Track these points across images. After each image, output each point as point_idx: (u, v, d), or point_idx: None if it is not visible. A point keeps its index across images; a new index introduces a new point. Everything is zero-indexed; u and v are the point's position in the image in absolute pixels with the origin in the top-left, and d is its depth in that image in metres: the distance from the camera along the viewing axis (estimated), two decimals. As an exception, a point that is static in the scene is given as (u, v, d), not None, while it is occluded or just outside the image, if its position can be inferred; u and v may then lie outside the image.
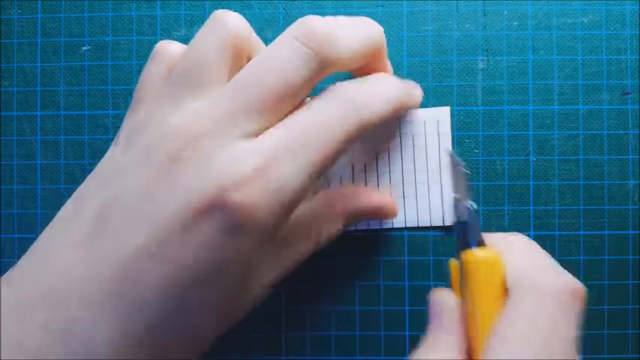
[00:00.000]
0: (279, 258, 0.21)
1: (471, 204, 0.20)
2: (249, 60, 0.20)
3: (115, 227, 0.18)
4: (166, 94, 0.19)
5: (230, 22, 0.20)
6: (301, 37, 0.19)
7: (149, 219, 0.17)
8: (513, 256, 0.19)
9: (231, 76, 0.19)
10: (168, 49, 0.21)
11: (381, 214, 0.24)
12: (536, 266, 0.19)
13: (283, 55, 0.18)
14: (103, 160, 0.20)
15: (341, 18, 0.20)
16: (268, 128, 0.18)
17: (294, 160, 0.18)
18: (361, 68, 0.22)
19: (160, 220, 0.17)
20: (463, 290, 0.19)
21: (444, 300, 0.20)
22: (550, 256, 0.19)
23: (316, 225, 0.22)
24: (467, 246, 0.19)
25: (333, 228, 0.23)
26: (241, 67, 0.19)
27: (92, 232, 0.18)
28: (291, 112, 0.19)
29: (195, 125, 0.18)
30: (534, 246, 0.20)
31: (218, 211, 0.17)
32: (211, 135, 0.18)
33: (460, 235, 0.20)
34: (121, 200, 0.18)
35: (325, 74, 0.19)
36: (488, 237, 0.20)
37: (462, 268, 0.19)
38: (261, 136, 0.18)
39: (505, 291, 0.18)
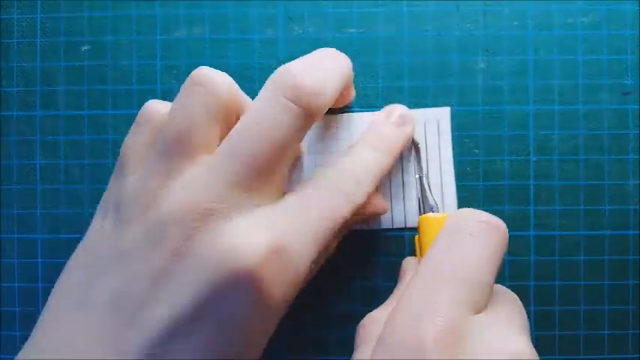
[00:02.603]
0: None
1: (427, 181, 0.24)
2: (237, 117, 0.20)
3: (134, 313, 0.17)
4: (156, 162, 0.19)
5: (217, 84, 0.19)
6: (289, 94, 0.19)
7: (170, 300, 0.17)
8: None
9: (221, 137, 0.19)
10: (155, 112, 0.20)
11: (376, 216, 0.25)
12: (464, 212, 0.20)
13: (275, 117, 0.18)
14: (91, 234, 0.20)
15: (316, 57, 0.21)
16: (269, 186, 0.19)
17: (304, 238, 0.19)
18: None
19: (183, 299, 0.17)
20: (421, 249, 0.22)
21: (406, 262, 0.24)
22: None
23: None
24: (423, 212, 0.23)
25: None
26: (230, 127, 0.19)
27: (109, 323, 0.17)
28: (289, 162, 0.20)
29: (201, 200, 0.18)
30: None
31: (241, 287, 0.17)
32: (219, 209, 0.18)
33: (420, 206, 0.24)
34: (135, 285, 0.18)
35: (313, 123, 0.20)
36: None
37: (418, 228, 0.22)
38: (266, 208, 0.19)
39: None
